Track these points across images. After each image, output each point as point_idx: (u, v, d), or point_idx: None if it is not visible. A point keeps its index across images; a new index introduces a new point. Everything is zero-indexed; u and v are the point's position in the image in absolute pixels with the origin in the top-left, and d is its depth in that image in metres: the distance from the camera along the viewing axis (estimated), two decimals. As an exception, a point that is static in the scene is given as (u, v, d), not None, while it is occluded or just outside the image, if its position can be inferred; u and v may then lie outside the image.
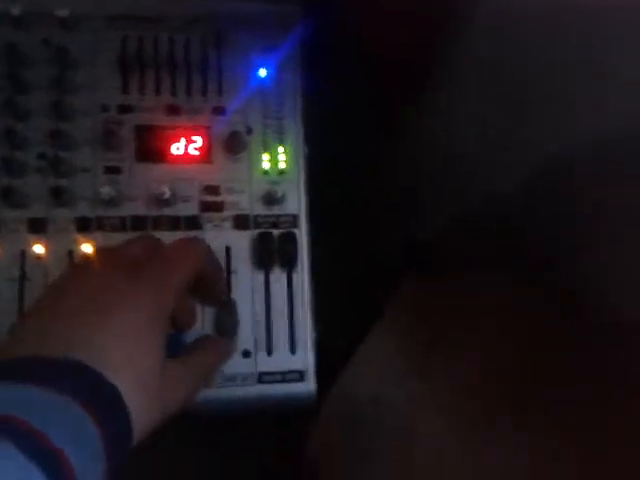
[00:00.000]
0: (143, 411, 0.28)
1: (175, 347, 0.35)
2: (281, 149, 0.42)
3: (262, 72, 0.42)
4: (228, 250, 0.40)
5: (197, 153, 0.41)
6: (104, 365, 0.27)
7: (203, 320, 0.39)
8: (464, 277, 0.49)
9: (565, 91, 0.37)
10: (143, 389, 0.29)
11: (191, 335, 0.38)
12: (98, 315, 0.29)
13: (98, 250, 0.37)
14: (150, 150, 0.40)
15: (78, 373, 0.27)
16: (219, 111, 0.42)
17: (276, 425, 0.47)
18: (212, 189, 0.41)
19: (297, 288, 0.41)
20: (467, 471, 0.40)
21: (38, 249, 0.38)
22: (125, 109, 0.40)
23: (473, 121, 0.43)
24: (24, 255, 0.38)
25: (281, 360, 0.40)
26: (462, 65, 0.40)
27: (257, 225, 0.41)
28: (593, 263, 0.42)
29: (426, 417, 0.44)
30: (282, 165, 0.42)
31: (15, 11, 0.39)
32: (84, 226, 0.39)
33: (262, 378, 0.40)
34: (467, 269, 0.49)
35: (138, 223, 0.40)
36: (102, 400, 0.26)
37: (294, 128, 0.43)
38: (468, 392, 0.43)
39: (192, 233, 0.40)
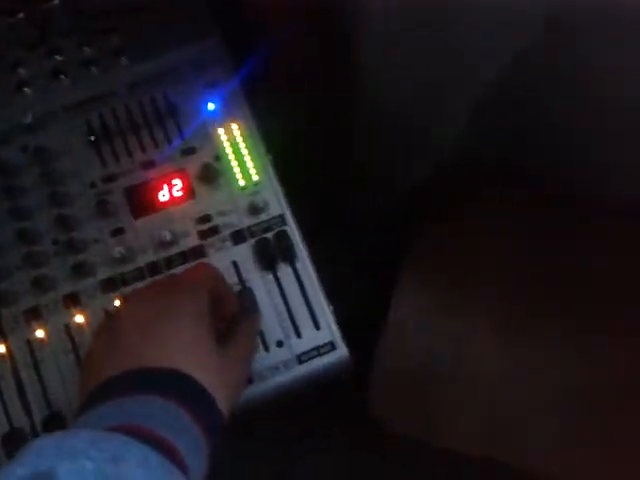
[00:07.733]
0: (219, 395, 0.34)
1: None
2: (249, 164, 0.48)
3: (211, 106, 0.48)
4: (235, 265, 0.46)
5: (181, 194, 0.47)
6: (184, 366, 0.33)
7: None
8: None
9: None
10: (210, 373, 0.34)
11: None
12: (165, 327, 0.35)
13: (132, 293, 0.43)
14: (142, 205, 0.46)
15: (176, 379, 0.33)
16: (187, 151, 0.47)
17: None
18: (204, 218, 0.47)
19: (304, 274, 0.47)
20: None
21: (79, 319, 0.44)
22: (109, 179, 0.46)
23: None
24: (69, 328, 0.44)
25: (311, 338, 0.46)
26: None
27: (252, 234, 0.47)
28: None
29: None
30: (255, 177, 0.48)
31: None
32: (111, 286, 0.45)
33: (301, 358, 0.45)
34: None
35: (153, 268, 0.45)
36: (195, 398, 0.33)
37: (253, 143, 0.48)
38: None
39: (201, 260, 0.46)
